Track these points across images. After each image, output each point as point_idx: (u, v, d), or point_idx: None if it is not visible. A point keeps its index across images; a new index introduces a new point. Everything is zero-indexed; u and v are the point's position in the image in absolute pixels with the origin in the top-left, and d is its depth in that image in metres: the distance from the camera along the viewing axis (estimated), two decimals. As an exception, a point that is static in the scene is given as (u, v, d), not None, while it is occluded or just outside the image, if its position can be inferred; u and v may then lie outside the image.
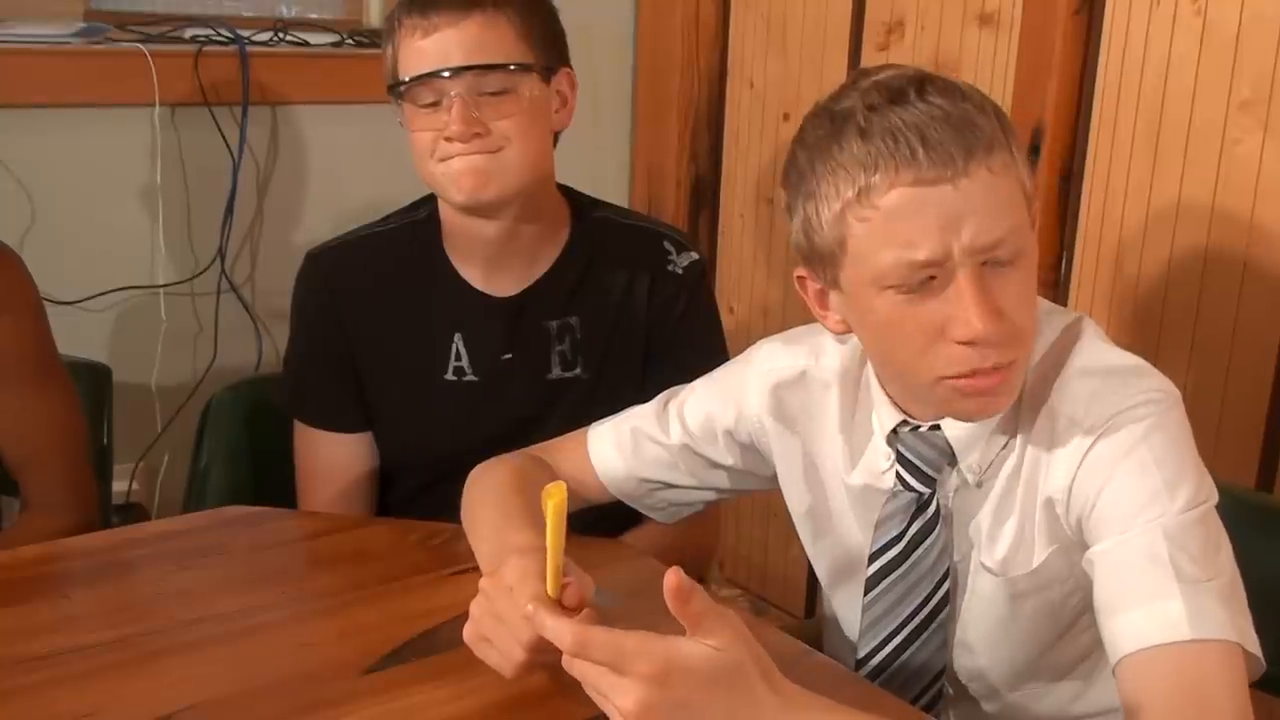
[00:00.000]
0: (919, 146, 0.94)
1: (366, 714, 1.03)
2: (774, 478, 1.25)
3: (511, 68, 1.37)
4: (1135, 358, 1.05)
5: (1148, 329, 1.82)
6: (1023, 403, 1.05)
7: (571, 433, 1.35)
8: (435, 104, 1.37)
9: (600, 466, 1.30)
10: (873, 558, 1.13)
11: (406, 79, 1.37)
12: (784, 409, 1.21)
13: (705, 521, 1.49)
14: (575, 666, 0.88)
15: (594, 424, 1.33)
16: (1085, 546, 1.01)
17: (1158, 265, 1.81)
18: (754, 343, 1.28)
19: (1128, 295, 1.85)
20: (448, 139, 1.36)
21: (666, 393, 1.31)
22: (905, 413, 1.10)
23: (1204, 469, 1.00)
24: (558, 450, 1.34)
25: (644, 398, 1.35)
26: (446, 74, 1.35)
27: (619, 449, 1.30)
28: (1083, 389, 1.02)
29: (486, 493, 1.25)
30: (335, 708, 1.03)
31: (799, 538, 1.27)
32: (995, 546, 1.08)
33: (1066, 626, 1.10)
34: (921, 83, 0.97)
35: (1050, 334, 1.06)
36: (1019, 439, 1.06)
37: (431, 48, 1.35)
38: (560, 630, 0.89)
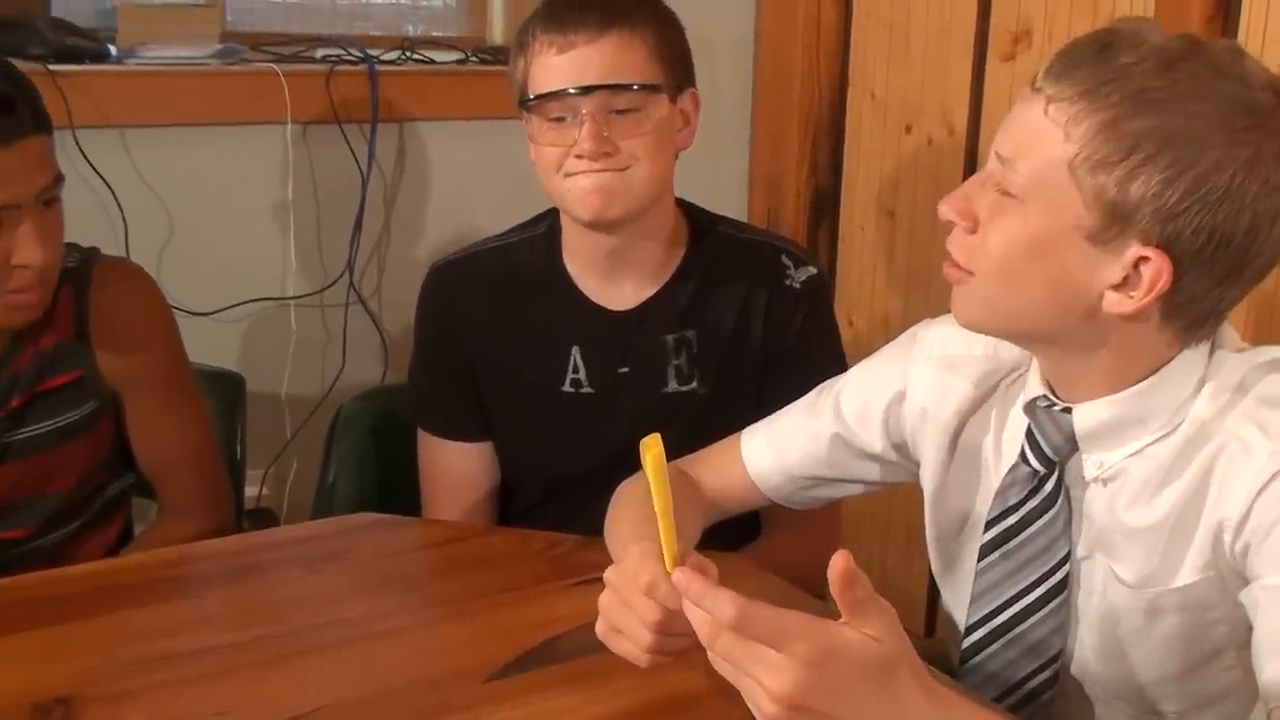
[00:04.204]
0: None
1: (489, 721, 1.04)
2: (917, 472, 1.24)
3: (643, 88, 1.37)
4: None
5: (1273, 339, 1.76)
6: (1195, 424, 1.02)
7: (717, 443, 1.35)
8: (564, 119, 1.38)
9: (754, 468, 1.31)
10: (989, 525, 1.12)
11: (538, 94, 1.38)
12: (951, 394, 1.18)
13: (826, 538, 1.48)
14: (721, 641, 0.83)
15: (746, 429, 1.34)
16: (1244, 578, 0.98)
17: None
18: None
19: (1262, 308, 1.80)
20: (578, 155, 1.37)
21: (821, 385, 1.31)
22: (1051, 389, 1.08)
23: None
24: (701, 462, 1.35)
25: (761, 413, 1.35)
26: (580, 92, 1.36)
27: (772, 448, 1.30)
28: (1267, 419, 0.99)
29: (627, 507, 1.26)
30: (459, 714, 1.05)
31: (920, 553, 1.25)
32: (1134, 558, 1.05)
33: (1205, 657, 1.06)
34: None
35: (1243, 365, 1.03)
36: (1173, 450, 1.03)
37: (566, 64, 1.36)
38: (719, 601, 0.82)
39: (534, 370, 1.52)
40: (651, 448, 0.92)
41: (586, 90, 1.36)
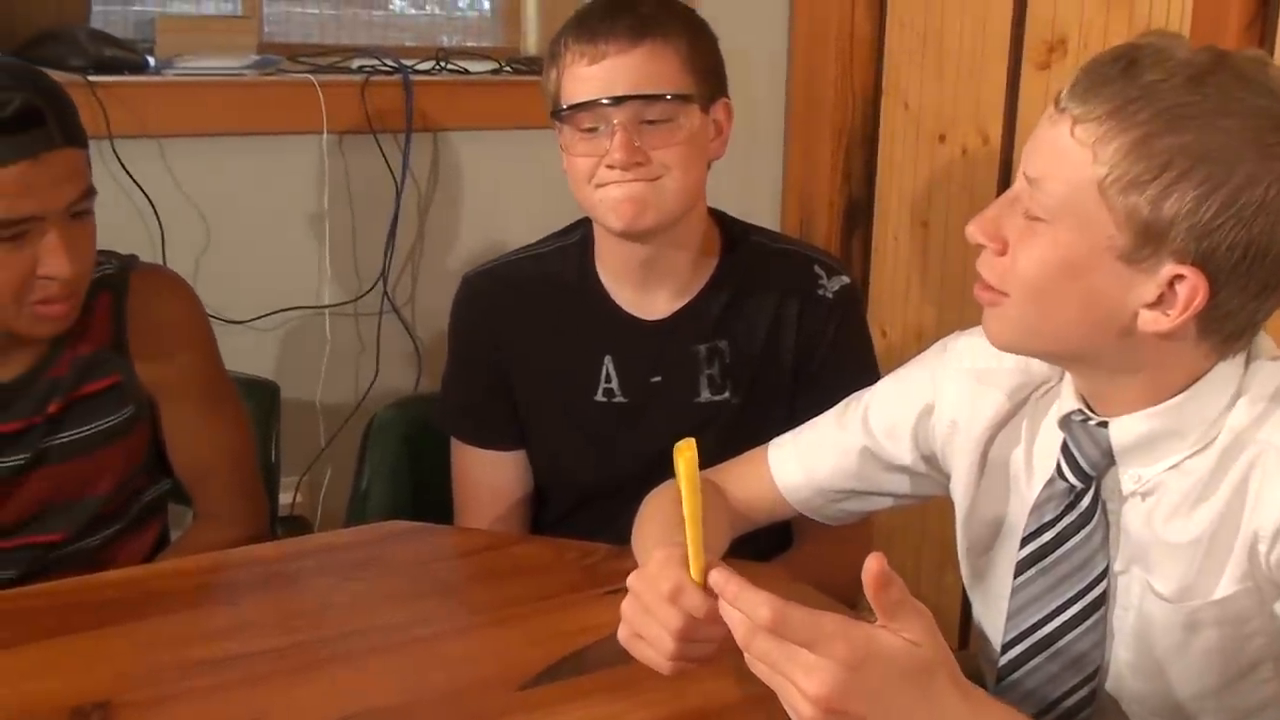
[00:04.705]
0: None
1: (521, 729, 1.04)
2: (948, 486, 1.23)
3: (675, 98, 1.38)
4: None
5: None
6: (1231, 434, 1.01)
7: (744, 454, 1.35)
8: (596, 129, 1.38)
9: (782, 481, 1.30)
10: (1025, 540, 1.11)
11: (570, 104, 1.39)
12: (982, 407, 1.17)
13: (858, 549, 1.46)
14: (757, 642, 0.84)
15: (774, 440, 1.33)
16: (1279, 588, 0.97)
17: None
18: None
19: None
20: (609, 166, 1.37)
21: (849, 398, 1.30)
22: (1086, 403, 1.07)
23: None
24: (728, 472, 1.34)
25: (793, 423, 1.34)
26: (612, 102, 1.36)
27: (800, 461, 1.30)
28: None
29: (654, 515, 1.26)
30: (491, 722, 1.05)
31: (954, 565, 1.25)
32: (1171, 572, 1.04)
33: (1243, 670, 1.05)
34: None
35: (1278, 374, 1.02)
36: (1210, 462, 1.02)
37: (597, 75, 1.37)
38: (756, 603, 0.83)
39: (567, 379, 1.52)
40: (685, 452, 0.92)
41: (618, 100, 1.36)
